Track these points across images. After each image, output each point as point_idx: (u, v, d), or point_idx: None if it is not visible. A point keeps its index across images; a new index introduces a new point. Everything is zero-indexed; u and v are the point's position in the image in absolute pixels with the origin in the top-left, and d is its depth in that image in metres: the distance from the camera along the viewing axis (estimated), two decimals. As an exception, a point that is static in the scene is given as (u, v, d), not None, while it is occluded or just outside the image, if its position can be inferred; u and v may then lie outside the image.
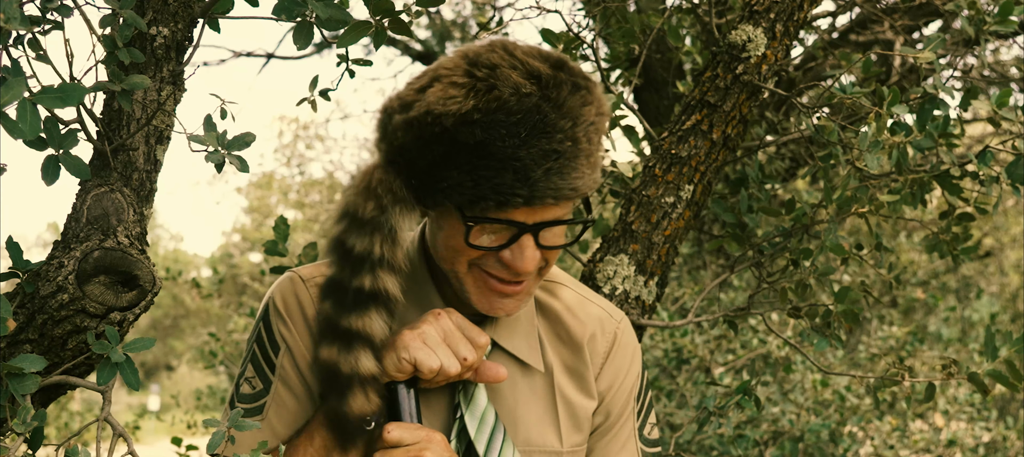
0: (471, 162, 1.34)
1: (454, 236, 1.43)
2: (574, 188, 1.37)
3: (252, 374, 1.56)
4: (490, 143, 1.32)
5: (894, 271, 2.49)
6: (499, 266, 1.43)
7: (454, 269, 1.47)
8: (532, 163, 1.33)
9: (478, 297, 1.47)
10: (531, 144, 1.32)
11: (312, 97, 1.67)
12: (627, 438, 1.65)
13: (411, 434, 1.45)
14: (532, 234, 1.40)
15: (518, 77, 1.34)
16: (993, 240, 9.18)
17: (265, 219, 23.32)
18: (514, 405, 1.57)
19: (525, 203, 1.35)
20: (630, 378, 1.66)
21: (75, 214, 1.35)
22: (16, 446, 1.22)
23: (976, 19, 2.10)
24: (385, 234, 1.42)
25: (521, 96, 1.32)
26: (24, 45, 1.23)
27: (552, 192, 1.35)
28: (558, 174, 1.34)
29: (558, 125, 1.33)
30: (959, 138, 2.09)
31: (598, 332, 1.64)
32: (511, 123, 1.32)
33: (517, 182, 1.33)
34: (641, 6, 3.29)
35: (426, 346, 1.44)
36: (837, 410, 4.40)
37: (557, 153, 1.33)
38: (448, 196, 1.37)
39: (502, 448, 1.52)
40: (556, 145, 1.33)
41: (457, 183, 1.35)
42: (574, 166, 1.36)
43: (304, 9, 1.29)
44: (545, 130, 1.33)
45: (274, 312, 1.55)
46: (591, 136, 1.38)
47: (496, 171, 1.33)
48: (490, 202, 1.35)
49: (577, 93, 1.37)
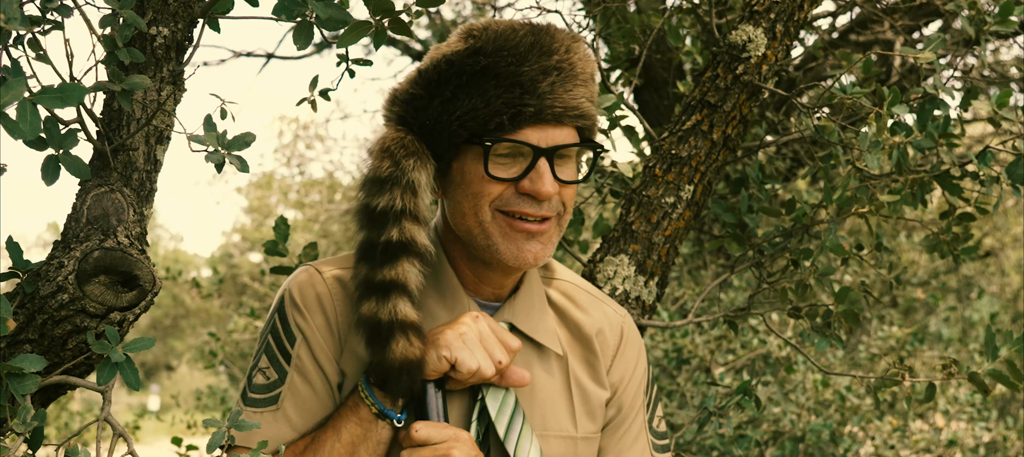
0: (481, 86, 1.45)
1: (474, 179, 1.49)
2: (577, 107, 1.48)
3: (266, 365, 1.57)
4: (495, 66, 1.45)
5: (894, 271, 2.49)
6: (520, 200, 1.49)
7: (479, 220, 1.50)
8: (537, 77, 1.45)
9: (505, 245, 1.50)
10: (532, 61, 1.45)
11: (312, 97, 1.67)
12: (639, 431, 1.68)
13: (438, 433, 1.47)
14: (547, 160, 1.47)
15: (508, 23, 1.49)
16: (993, 240, 9.18)
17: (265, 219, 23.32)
18: (531, 389, 1.59)
19: (536, 117, 1.45)
20: (639, 372, 1.70)
21: (75, 214, 1.35)
22: (16, 446, 1.22)
23: (976, 19, 2.10)
24: (404, 187, 1.48)
25: (516, 30, 1.48)
26: (24, 45, 1.23)
27: (559, 105, 1.46)
28: (562, 87, 1.46)
29: (553, 47, 1.47)
30: (959, 138, 2.09)
31: (605, 327, 1.68)
32: (511, 47, 1.46)
33: (525, 94, 1.44)
34: (641, 6, 3.30)
35: (466, 346, 1.47)
36: (838, 410, 4.39)
37: (558, 69, 1.46)
38: (463, 126, 1.46)
39: (521, 431, 1.54)
40: (555, 62, 1.46)
41: (470, 109, 1.45)
42: (574, 85, 1.48)
43: (304, 9, 1.29)
44: (543, 50, 1.46)
45: (290, 303, 1.57)
46: (586, 67, 1.50)
47: (505, 88, 1.44)
48: (503, 119, 1.44)
49: (564, 30, 1.52)
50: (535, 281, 1.65)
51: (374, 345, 1.46)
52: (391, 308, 1.45)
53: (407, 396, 1.48)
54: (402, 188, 1.48)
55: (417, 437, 1.46)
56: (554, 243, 1.54)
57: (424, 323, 1.53)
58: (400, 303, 1.46)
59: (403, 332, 1.45)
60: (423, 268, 1.49)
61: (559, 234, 1.55)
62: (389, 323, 1.45)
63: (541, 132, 1.47)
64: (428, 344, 1.48)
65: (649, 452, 1.69)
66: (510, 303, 1.60)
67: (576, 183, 1.53)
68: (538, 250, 1.52)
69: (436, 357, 1.47)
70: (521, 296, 1.61)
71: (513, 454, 1.52)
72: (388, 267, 1.47)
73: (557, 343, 1.63)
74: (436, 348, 1.47)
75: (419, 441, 1.46)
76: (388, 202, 1.48)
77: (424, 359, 1.47)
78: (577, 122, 1.49)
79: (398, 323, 1.45)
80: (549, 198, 1.49)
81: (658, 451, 1.71)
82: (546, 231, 1.52)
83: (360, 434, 1.49)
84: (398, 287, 1.46)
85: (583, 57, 1.50)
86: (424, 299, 1.56)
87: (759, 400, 2.22)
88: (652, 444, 1.70)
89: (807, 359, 2.78)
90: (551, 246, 1.53)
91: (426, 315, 1.56)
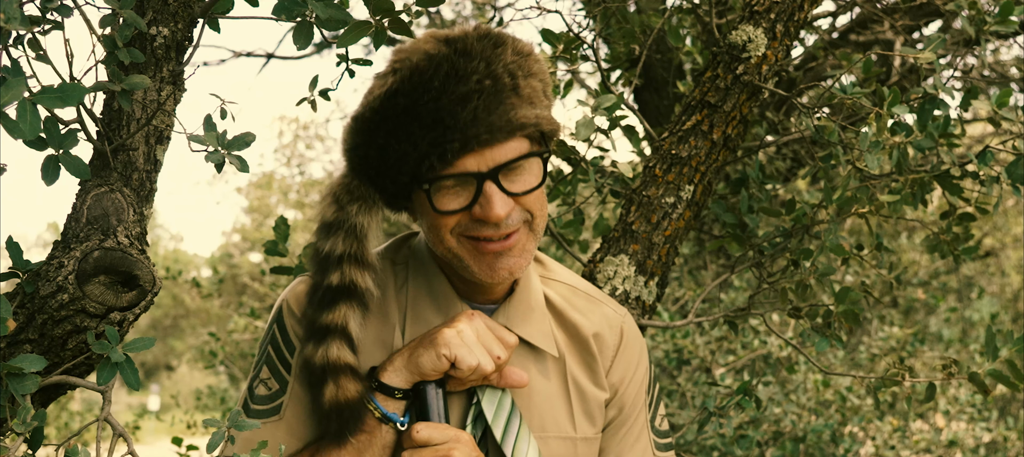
0: (406, 129, 1.39)
1: (427, 215, 1.47)
2: (509, 122, 1.40)
3: (267, 376, 1.57)
4: (414, 105, 1.38)
5: (895, 271, 2.49)
6: (478, 225, 1.45)
7: (447, 248, 1.49)
8: (456, 109, 1.37)
9: (477, 266, 1.49)
10: (449, 91, 1.38)
11: (312, 97, 1.67)
12: (641, 431, 1.68)
13: (439, 433, 1.47)
14: (492, 181, 1.41)
15: (429, 46, 1.41)
16: (994, 240, 9.18)
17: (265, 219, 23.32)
18: (528, 391, 1.59)
19: (463, 148, 1.38)
20: (640, 371, 1.69)
21: (75, 214, 1.35)
22: (16, 446, 1.21)
23: (976, 19, 2.10)
24: (346, 231, 1.50)
25: (430, 57, 1.40)
26: (24, 45, 1.23)
27: (486, 130, 1.38)
28: (486, 111, 1.38)
29: (470, 68, 1.39)
30: (959, 138, 2.09)
31: (604, 329, 1.67)
32: (425, 81, 1.38)
33: (448, 130, 1.37)
34: (641, 6, 3.30)
35: (465, 344, 1.48)
36: (838, 410, 4.39)
37: (478, 91, 1.38)
38: (400, 172, 1.42)
39: (519, 434, 1.54)
40: (474, 86, 1.38)
41: (401, 155, 1.40)
42: (501, 101, 1.39)
43: (304, 9, 1.29)
44: (458, 75, 1.38)
45: (288, 313, 1.58)
46: (514, 73, 1.41)
47: (428, 127, 1.38)
48: (433, 159, 1.39)
49: (485, 39, 1.42)
50: (532, 282, 1.64)
51: (312, 389, 1.50)
52: (324, 352, 1.48)
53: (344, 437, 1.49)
54: (345, 232, 1.51)
55: (418, 438, 1.47)
56: (530, 251, 1.51)
57: (418, 329, 1.55)
58: (333, 346, 1.48)
59: (334, 376, 1.47)
60: (362, 310, 1.51)
61: (535, 240, 1.52)
62: (322, 367, 1.48)
63: (478, 157, 1.40)
64: (426, 345, 1.48)
65: (651, 451, 1.69)
66: (504, 307, 1.60)
67: (536, 188, 1.47)
68: (512, 263, 1.49)
69: (435, 356, 1.47)
70: (516, 299, 1.61)
71: (511, 455, 1.52)
72: (327, 311, 1.49)
73: (553, 345, 1.62)
74: (435, 347, 1.47)
75: (420, 442, 1.47)
76: (331, 246, 1.51)
77: (359, 400, 1.48)
78: (516, 132, 1.41)
79: (330, 366, 1.47)
80: (503, 219, 1.43)
81: (660, 450, 1.71)
82: (515, 245, 1.48)
83: (365, 440, 1.49)
84: (335, 330, 1.48)
85: (509, 62, 1.42)
86: (419, 306, 1.57)
87: (759, 400, 2.22)
88: (654, 443, 1.70)
89: (808, 359, 2.78)
90: (527, 255, 1.50)
91: (421, 322, 1.57)
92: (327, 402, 1.47)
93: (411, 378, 1.50)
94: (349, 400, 1.47)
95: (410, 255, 1.63)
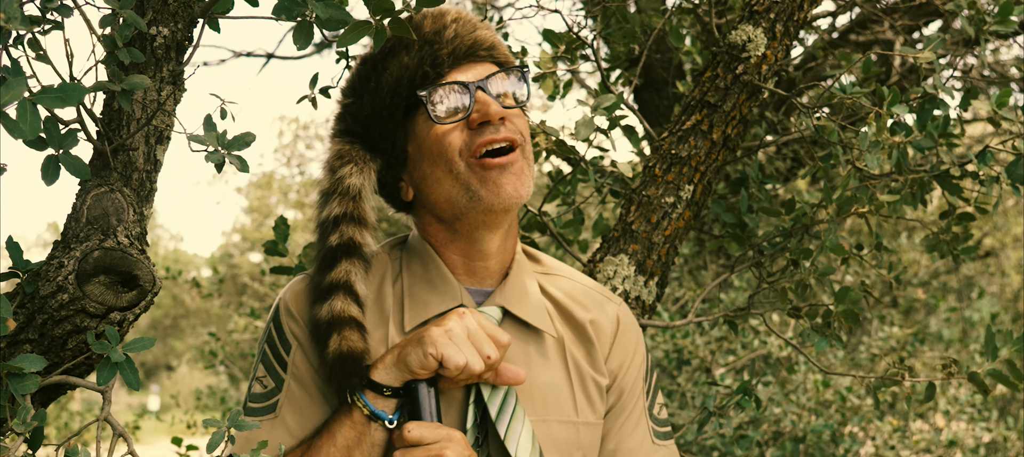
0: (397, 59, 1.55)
1: (433, 142, 1.55)
2: (485, 40, 1.59)
3: (263, 374, 1.58)
4: (401, 41, 1.55)
5: (894, 271, 2.49)
6: (480, 132, 1.53)
7: (456, 176, 1.54)
8: (439, 32, 1.56)
9: (485, 190, 1.53)
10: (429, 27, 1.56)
11: (312, 95, 1.67)
12: (639, 417, 1.69)
13: (431, 433, 1.47)
14: (481, 90, 1.55)
15: None
16: (993, 240, 9.18)
17: (265, 219, 23.32)
18: (530, 375, 1.59)
19: (453, 58, 1.55)
20: (638, 358, 1.71)
21: (75, 214, 1.35)
22: (16, 446, 1.21)
23: (976, 19, 2.10)
24: (340, 193, 1.56)
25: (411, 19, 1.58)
26: (24, 45, 1.23)
27: (468, 43, 1.57)
28: (464, 31, 1.58)
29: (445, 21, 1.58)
30: (959, 138, 2.09)
31: (600, 316, 1.69)
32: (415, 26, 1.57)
33: (435, 45, 1.55)
34: (641, 6, 3.30)
35: (453, 343, 1.48)
36: (838, 410, 4.39)
37: (455, 21, 1.58)
38: (396, 95, 1.55)
39: (513, 413, 1.54)
40: (449, 21, 1.58)
41: (394, 80, 1.55)
42: (474, 28, 1.59)
43: (304, 9, 1.29)
44: (436, 22, 1.58)
45: (285, 311, 1.59)
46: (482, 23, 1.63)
47: (416, 50, 1.55)
48: (426, 69, 1.54)
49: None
50: (524, 266, 1.67)
51: (318, 346, 1.52)
52: (329, 308, 1.51)
53: (348, 392, 1.51)
54: (339, 195, 1.56)
55: (410, 437, 1.46)
56: (528, 179, 1.57)
57: (417, 314, 1.58)
58: (337, 301, 1.51)
59: (338, 328, 1.49)
60: (364, 265, 1.56)
61: (530, 169, 1.58)
62: (326, 322, 1.50)
63: (464, 72, 1.55)
64: (414, 343, 1.48)
65: (650, 439, 1.69)
66: (501, 288, 1.61)
67: (520, 106, 1.59)
68: (516, 183, 1.54)
69: (422, 355, 1.47)
70: (512, 281, 1.62)
71: (504, 436, 1.52)
72: (329, 270, 1.53)
73: (550, 325, 1.63)
74: (422, 346, 1.47)
75: (412, 441, 1.46)
76: (328, 211, 1.56)
77: (365, 351, 1.50)
78: (491, 55, 1.59)
79: (335, 319, 1.50)
80: (501, 117, 1.53)
81: (659, 438, 1.71)
82: (515, 161, 1.55)
83: (354, 437, 1.49)
84: (339, 286, 1.52)
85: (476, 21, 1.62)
86: (416, 290, 1.58)
87: (759, 400, 2.22)
88: (652, 431, 1.70)
89: (808, 359, 2.78)
90: (527, 182, 1.56)
91: (419, 306, 1.58)
92: (331, 353, 1.48)
93: (401, 376, 1.49)
94: (352, 349, 1.48)
95: (404, 248, 1.66)
